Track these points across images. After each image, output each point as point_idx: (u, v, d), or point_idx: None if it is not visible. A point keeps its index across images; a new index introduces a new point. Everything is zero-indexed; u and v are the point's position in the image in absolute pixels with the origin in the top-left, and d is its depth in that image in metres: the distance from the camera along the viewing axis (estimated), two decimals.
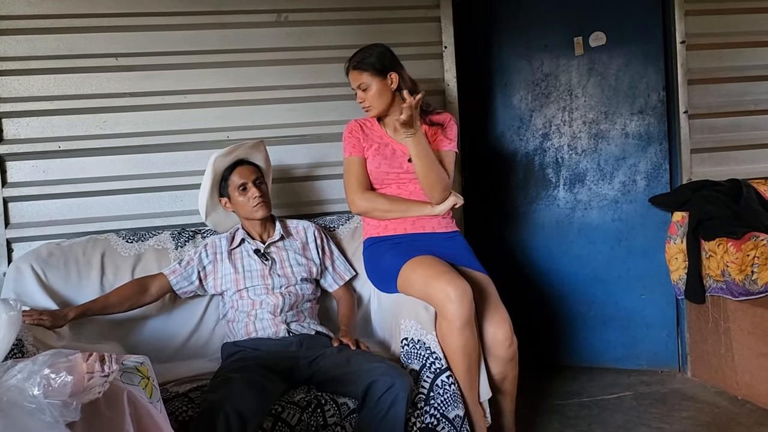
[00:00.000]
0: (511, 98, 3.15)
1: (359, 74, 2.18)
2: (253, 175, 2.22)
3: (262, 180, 2.26)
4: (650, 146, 2.97)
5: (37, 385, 0.89)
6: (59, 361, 0.94)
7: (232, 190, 2.21)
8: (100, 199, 2.56)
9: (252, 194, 2.18)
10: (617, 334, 3.06)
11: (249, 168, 2.24)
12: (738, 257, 2.48)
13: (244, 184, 2.19)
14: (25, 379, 0.90)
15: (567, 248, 3.09)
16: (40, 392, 0.88)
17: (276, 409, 1.75)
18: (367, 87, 2.18)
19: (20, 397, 0.88)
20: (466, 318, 1.86)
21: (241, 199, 2.20)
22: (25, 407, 0.90)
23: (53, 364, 0.93)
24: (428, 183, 2.14)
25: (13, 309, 0.94)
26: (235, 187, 2.20)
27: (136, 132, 2.57)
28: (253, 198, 2.18)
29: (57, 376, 0.92)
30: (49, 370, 0.93)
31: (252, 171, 2.23)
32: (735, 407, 2.56)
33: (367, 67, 2.17)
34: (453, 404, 1.86)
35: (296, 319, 2.12)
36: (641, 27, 2.95)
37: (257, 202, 2.18)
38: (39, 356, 0.94)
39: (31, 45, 2.48)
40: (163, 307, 2.27)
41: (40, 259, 2.22)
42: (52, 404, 0.90)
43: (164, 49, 2.58)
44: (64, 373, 0.93)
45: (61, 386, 0.92)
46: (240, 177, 2.20)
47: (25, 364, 0.92)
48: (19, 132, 2.50)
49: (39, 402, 0.88)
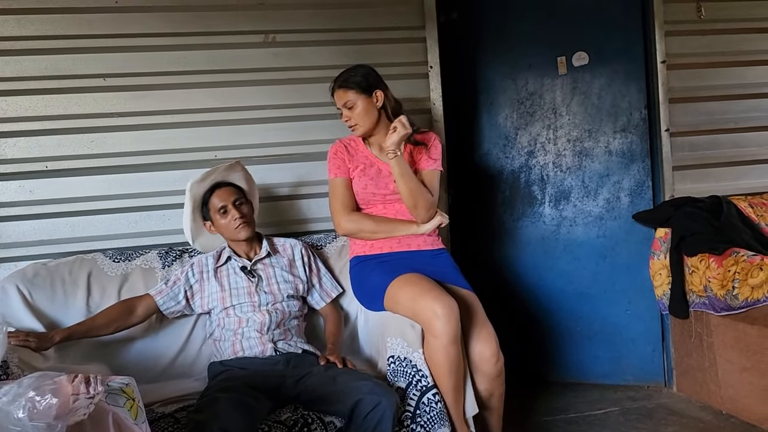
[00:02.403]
0: (497, 117, 3.19)
1: (345, 92, 2.20)
2: (232, 196, 2.22)
3: (243, 200, 2.26)
4: (633, 163, 3.02)
5: (22, 408, 0.89)
6: (44, 383, 0.95)
7: (213, 213, 2.22)
8: (87, 219, 2.56)
9: (232, 216, 2.19)
10: (603, 349, 3.08)
11: (228, 190, 2.24)
12: (719, 273, 2.52)
13: (224, 207, 2.20)
14: (10, 402, 0.90)
15: (553, 264, 3.12)
16: (25, 415, 0.89)
17: (263, 428, 1.75)
18: (353, 105, 2.21)
19: (5, 420, 0.89)
20: (453, 335, 1.87)
21: (223, 221, 2.21)
22: (9, 430, 0.90)
23: (38, 386, 0.94)
24: (413, 202, 2.16)
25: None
26: (215, 210, 2.21)
27: (123, 152, 2.58)
28: (234, 220, 2.18)
29: (42, 398, 0.92)
30: (33, 393, 0.93)
31: (231, 192, 2.23)
32: (719, 421, 2.59)
33: (352, 86, 2.19)
34: (439, 422, 1.86)
35: (283, 337, 2.13)
36: (623, 47, 3.01)
37: (238, 224, 2.19)
38: (24, 379, 0.95)
39: (20, 65, 2.49)
40: (149, 327, 2.26)
41: (26, 280, 2.22)
42: (36, 427, 0.90)
43: (152, 69, 2.59)
44: (49, 395, 0.93)
45: (46, 409, 0.92)
46: (219, 200, 2.20)
47: (10, 387, 0.93)
48: (6, 152, 2.50)
49: (24, 425, 0.89)
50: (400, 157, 2.12)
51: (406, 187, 2.14)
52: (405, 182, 2.13)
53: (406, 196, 2.15)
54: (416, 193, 2.15)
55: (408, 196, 2.15)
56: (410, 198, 2.15)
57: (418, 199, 2.16)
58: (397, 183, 2.15)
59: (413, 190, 2.14)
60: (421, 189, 2.17)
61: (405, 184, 2.13)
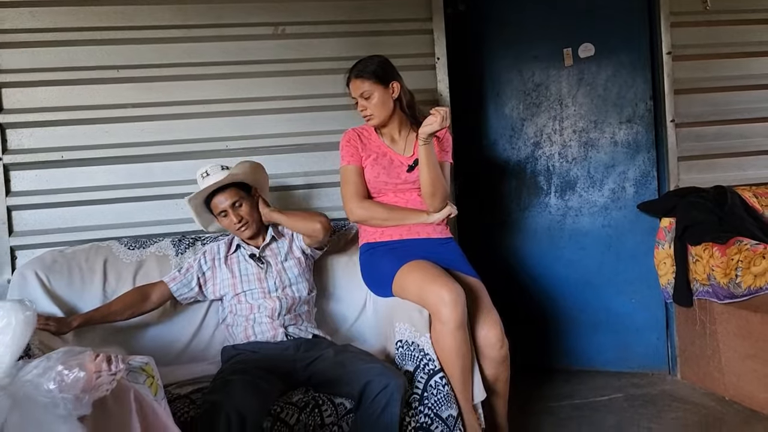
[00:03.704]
0: (503, 108, 3.22)
1: (362, 82, 2.23)
2: (230, 199, 2.22)
3: (243, 201, 2.25)
4: (638, 154, 3.05)
5: (52, 380, 0.95)
6: (71, 358, 1.00)
7: (216, 214, 2.27)
8: (102, 208, 2.62)
9: (231, 220, 2.23)
10: (608, 337, 3.12)
11: (227, 193, 2.23)
12: (723, 261, 2.55)
13: (224, 211, 2.24)
14: (41, 375, 0.96)
15: (558, 254, 3.16)
16: (55, 387, 0.94)
17: (275, 409, 1.81)
18: (369, 95, 2.24)
19: (35, 391, 0.94)
20: (459, 321, 1.92)
21: (225, 222, 2.26)
22: (39, 401, 0.96)
23: (65, 361, 0.99)
24: (432, 191, 2.20)
25: (28, 309, 1.00)
26: (217, 212, 2.26)
27: (136, 142, 2.64)
28: (233, 224, 2.23)
29: (70, 372, 0.98)
30: (62, 367, 0.98)
31: (229, 195, 2.23)
32: (722, 408, 2.63)
33: (369, 76, 2.22)
34: (446, 404, 1.91)
35: (294, 322, 2.18)
36: (629, 38, 3.04)
37: (237, 228, 2.24)
38: (53, 353, 1.00)
39: (35, 57, 2.55)
40: (164, 313, 2.33)
41: (45, 266, 2.28)
42: (65, 398, 0.96)
43: (164, 61, 2.64)
44: (77, 369, 0.98)
45: (74, 382, 0.98)
46: (219, 204, 2.23)
47: (39, 361, 0.98)
48: (23, 142, 2.56)
49: (54, 396, 0.94)
50: (430, 146, 2.16)
51: (430, 177, 2.18)
52: (429, 171, 2.17)
53: (427, 184, 2.19)
54: (437, 182, 2.19)
55: (429, 185, 2.19)
56: (431, 186, 2.19)
57: (438, 188, 2.20)
58: (422, 171, 2.18)
59: (435, 179, 2.19)
60: (441, 179, 2.21)
61: (429, 172, 2.17)
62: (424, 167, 2.18)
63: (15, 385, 0.95)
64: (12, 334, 0.97)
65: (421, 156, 2.18)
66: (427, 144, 2.16)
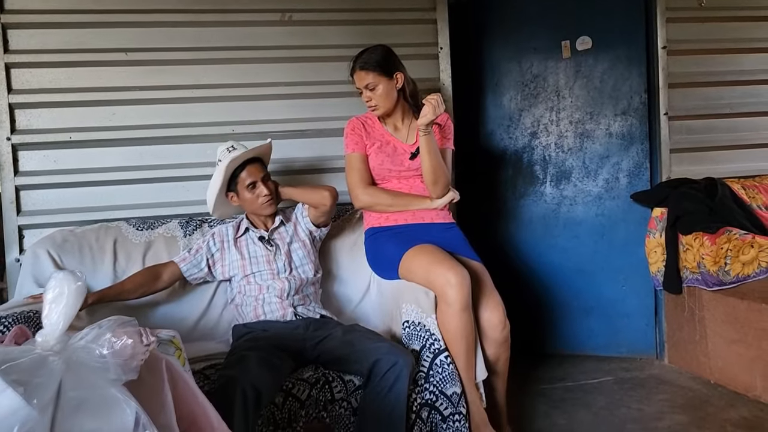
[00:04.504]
0: (502, 98, 3.30)
1: (366, 74, 2.28)
2: (261, 172, 2.31)
3: (269, 177, 2.36)
4: (632, 146, 3.14)
5: (105, 346, 1.01)
6: (119, 326, 1.06)
7: (241, 188, 2.31)
8: (109, 189, 2.66)
9: (261, 192, 2.28)
10: (599, 323, 3.23)
11: (257, 166, 2.32)
12: (713, 250, 2.66)
13: (254, 183, 2.29)
14: (93, 341, 1.01)
15: (553, 242, 3.25)
16: (108, 352, 1.00)
17: (287, 385, 1.88)
18: (374, 87, 2.28)
19: (89, 356, 1.00)
20: (464, 302, 2.00)
21: (250, 195, 2.30)
22: (91, 366, 1.01)
23: (114, 329, 1.05)
24: (433, 178, 2.27)
25: (79, 280, 1.05)
26: (244, 184, 2.29)
27: (144, 124, 2.67)
28: (262, 196, 2.28)
29: (118, 339, 1.04)
30: (110, 334, 1.04)
31: (260, 169, 2.32)
32: (708, 390, 2.74)
33: (374, 67, 2.27)
34: (450, 382, 1.99)
35: (302, 302, 2.24)
36: (625, 33, 3.12)
37: (266, 200, 2.29)
38: (103, 321, 1.06)
39: (44, 38, 2.57)
40: (173, 292, 2.38)
41: (56, 245, 2.32)
42: (116, 363, 1.02)
43: (172, 45, 2.68)
44: (125, 336, 1.04)
45: (122, 348, 1.04)
46: (250, 175, 2.29)
47: (91, 328, 1.04)
48: (31, 123, 2.58)
49: (106, 361, 1.00)
50: (431, 135, 2.22)
51: (431, 165, 2.24)
52: (431, 159, 2.24)
53: (429, 172, 2.26)
54: (438, 170, 2.26)
55: (431, 173, 2.26)
56: (432, 174, 2.26)
57: (440, 176, 2.27)
58: (423, 159, 2.25)
59: (436, 167, 2.25)
60: (443, 167, 2.28)
61: (430, 161, 2.24)
62: (426, 156, 2.24)
63: (68, 351, 1.01)
64: (65, 302, 1.02)
65: (421, 145, 2.24)
66: (427, 134, 2.22)
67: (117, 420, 0.99)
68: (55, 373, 0.98)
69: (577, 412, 2.59)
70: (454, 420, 1.98)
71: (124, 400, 1.01)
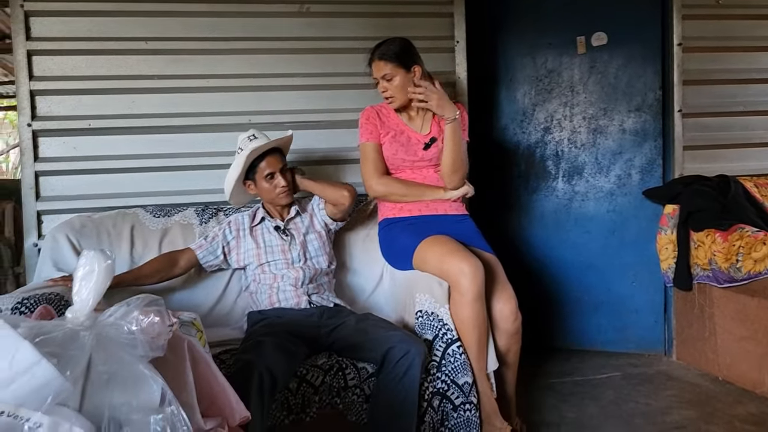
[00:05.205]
0: (515, 93, 3.31)
1: (384, 65, 2.30)
2: (280, 163, 2.34)
3: (287, 168, 2.39)
4: (645, 142, 3.14)
5: (134, 323, 1.04)
6: (146, 305, 1.09)
7: (259, 177, 2.33)
8: (126, 176, 2.69)
9: (279, 183, 2.31)
10: (608, 318, 3.24)
11: (277, 157, 2.35)
12: (724, 247, 2.67)
13: (272, 173, 2.32)
14: (122, 318, 1.05)
15: (564, 237, 3.27)
16: (137, 328, 1.03)
17: (301, 371, 1.91)
18: (391, 78, 2.30)
19: (119, 332, 1.03)
20: (477, 292, 2.02)
21: (267, 185, 2.33)
22: (119, 342, 1.04)
23: (142, 307, 1.08)
24: (453, 168, 2.30)
25: (109, 258, 1.08)
26: (262, 174, 2.32)
27: (162, 113, 2.70)
28: (279, 187, 2.31)
29: (146, 317, 1.07)
30: (138, 312, 1.07)
31: (279, 160, 2.35)
32: (716, 387, 2.76)
33: (392, 59, 2.28)
34: (462, 372, 2.02)
35: (316, 291, 2.27)
36: (641, 29, 3.12)
37: (283, 191, 2.32)
38: (131, 299, 1.09)
39: (66, 26, 2.60)
40: (188, 279, 2.41)
41: (74, 230, 2.36)
42: (143, 341, 1.05)
43: (192, 35, 2.71)
44: (152, 315, 1.07)
45: (149, 326, 1.07)
46: (268, 166, 2.32)
47: (119, 306, 1.07)
48: (52, 109, 2.62)
49: (135, 337, 1.03)
50: (457, 123, 2.25)
51: (453, 154, 2.28)
52: (453, 149, 2.27)
53: (449, 161, 2.29)
54: (458, 161, 2.29)
55: (450, 162, 2.29)
56: (452, 164, 2.29)
57: (459, 167, 2.30)
58: (446, 148, 2.28)
59: (457, 158, 2.29)
60: (462, 158, 2.31)
61: (452, 150, 2.27)
62: (449, 144, 2.27)
63: (98, 326, 1.04)
64: (95, 280, 1.05)
65: (447, 134, 2.27)
66: (453, 121, 2.24)
67: (144, 395, 1.02)
68: (85, 347, 1.01)
69: (585, 405, 2.61)
70: (465, 409, 2.01)
71: (151, 376, 1.04)
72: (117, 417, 0.97)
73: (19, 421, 0.87)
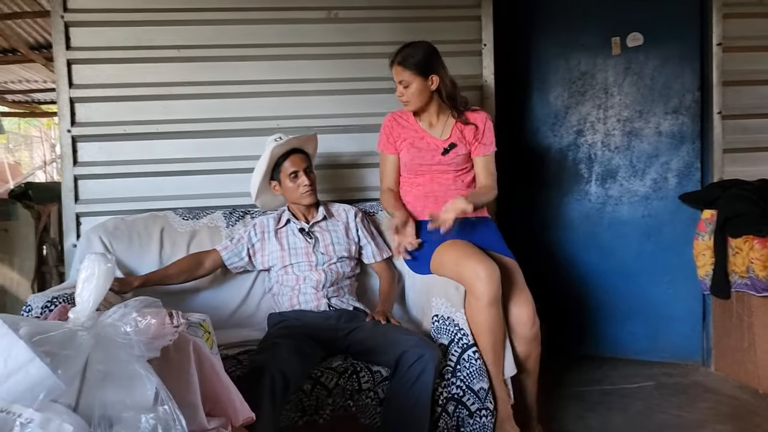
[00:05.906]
0: (548, 95, 3.26)
1: (402, 70, 2.31)
2: (304, 163, 2.38)
3: (312, 168, 2.42)
4: (683, 145, 3.05)
5: (129, 324, 1.08)
6: (144, 307, 1.14)
7: (284, 176, 2.38)
8: (160, 179, 2.78)
9: (302, 182, 2.35)
10: (641, 326, 3.16)
11: (300, 156, 2.39)
12: (763, 254, 2.56)
13: (296, 172, 2.35)
14: (119, 319, 1.09)
15: (596, 241, 3.20)
16: (132, 330, 1.08)
17: (315, 373, 1.94)
18: (408, 84, 2.32)
19: (115, 333, 1.07)
20: (493, 296, 2.01)
21: (291, 185, 2.37)
22: (118, 342, 1.09)
23: (140, 309, 1.12)
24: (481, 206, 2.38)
25: (109, 262, 1.13)
26: (286, 173, 2.36)
27: (194, 118, 2.78)
28: (303, 186, 2.35)
29: (143, 319, 1.11)
30: (136, 314, 1.12)
31: (303, 159, 2.39)
32: (755, 400, 2.65)
33: (410, 66, 2.29)
34: (478, 377, 2.00)
35: (336, 294, 2.30)
36: (678, 29, 3.03)
37: (306, 190, 2.35)
38: (129, 302, 1.14)
39: (103, 36, 2.71)
40: (214, 280, 2.47)
41: (107, 232, 2.45)
42: (139, 341, 1.09)
43: (222, 42, 2.78)
44: (149, 317, 1.12)
45: (146, 328, 1.11)
46: (292, 165, 2.36)
47: (118, 307, 1.12)
48: (90, 116, 2.73)
49: (130, 338, 1.07)
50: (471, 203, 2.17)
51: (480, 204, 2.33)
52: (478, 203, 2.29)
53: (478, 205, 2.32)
54: (485, 202, 2.39)
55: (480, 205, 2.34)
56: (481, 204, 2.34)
57: (486, 203, 2.41)
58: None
59: (484, 202, 2.38)
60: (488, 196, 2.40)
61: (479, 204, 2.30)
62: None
63: (97, 327, 1.09)
64: (95, 282, 1.10)
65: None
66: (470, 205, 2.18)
67: (138, 393, 1.06)
68: (83, 347, 1.06)
69: (612, 415, 2.55)
70: (481, 415, 1.99)
71: (146, 376, 1.08)
72: (108, 414, 1.02)
73: (12, 417, 0.92)
